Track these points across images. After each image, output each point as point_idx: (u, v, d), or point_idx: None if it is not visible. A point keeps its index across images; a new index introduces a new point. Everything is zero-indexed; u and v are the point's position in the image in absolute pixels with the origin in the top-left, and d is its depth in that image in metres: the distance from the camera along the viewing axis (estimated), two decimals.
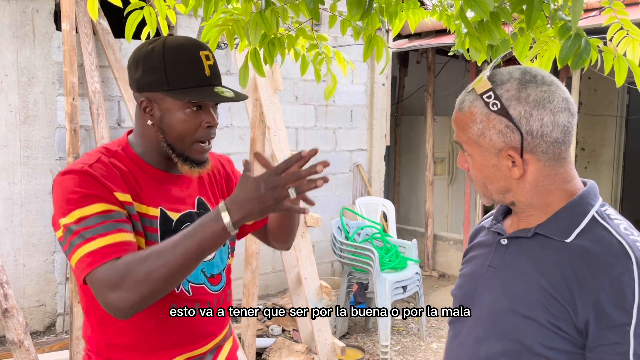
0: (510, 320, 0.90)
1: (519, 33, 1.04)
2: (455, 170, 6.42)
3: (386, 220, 4.70)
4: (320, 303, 3.45)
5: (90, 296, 1.15)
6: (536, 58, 1.19)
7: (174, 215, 1.22)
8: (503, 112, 0.89)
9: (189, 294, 1.23)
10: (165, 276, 1.00)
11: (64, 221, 1.07)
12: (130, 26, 1.38)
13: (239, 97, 1.17)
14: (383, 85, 5.31)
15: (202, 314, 1.25)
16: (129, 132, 1.26)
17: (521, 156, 0.90)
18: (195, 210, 1.26)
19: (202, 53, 1.16)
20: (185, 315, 1.22)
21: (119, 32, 3.83)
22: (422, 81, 5.98)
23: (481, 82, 0.91)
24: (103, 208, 1.08)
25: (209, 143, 1.20)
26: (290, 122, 4.60)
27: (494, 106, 0.90)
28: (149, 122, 1.18)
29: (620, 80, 1.04)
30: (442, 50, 5.67)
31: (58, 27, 3.57)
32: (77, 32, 3.46)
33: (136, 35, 1.62)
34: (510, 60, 3.56)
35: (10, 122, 3.49)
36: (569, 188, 0.93)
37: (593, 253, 0.85)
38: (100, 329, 1.21)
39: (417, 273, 3.97)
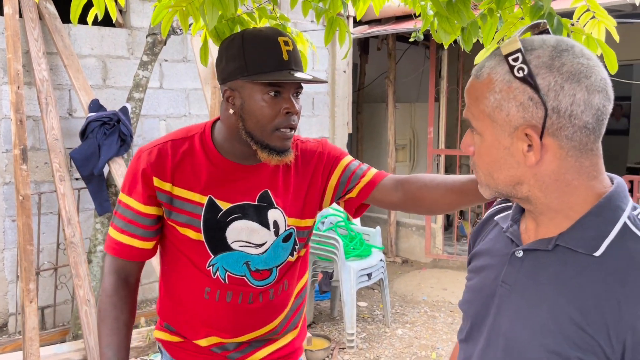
0: (531, 354, 0.75)
1: (488, 14, 1.01)
2: (417, 156, 6.46)
3: None
4: None
5: (161, 275, 1.36)
6: (502, 40, 1.16)
7: (225, 205, 1.24)
8: (529, 80, 0.73)
9: (225, 281, 1.27)
10: None
11: (120, 194, 1.28)
12: (76, 7, 1.28)
13: (315, 79, 1.18)
14: (344, 72, 5.26)
15: (237, 302, 1.27)
16: (217, 119, 1.30)
17: (540, 138, 0.74)
18: (256, 202, 1.26)
19: (281, 39, 1.17)
20: (216, 300, 1.27)
21: (67, 17, 3.65)
22: (382, 68, 5.96)
23: (510, 42, 0.75)
24: (131, 204, 1.24)
25: (291, 130, 1.19)
26: None
27: (520, 72, 0.74)
28: (231, 111, 1.20)
29: None
30: (403, 37, 5.67)
31: (0, 12, 3.36)
32: (21, 16, 3.26)
33: (85, 20, 1.51)
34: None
35: None
36: (595, 186, 0.77)
37: (629, 271, 0.70)
38: (161, 300, 1.38)
39: (381, 260, 3.98)
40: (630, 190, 4.72)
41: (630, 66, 6.61)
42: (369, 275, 3.85)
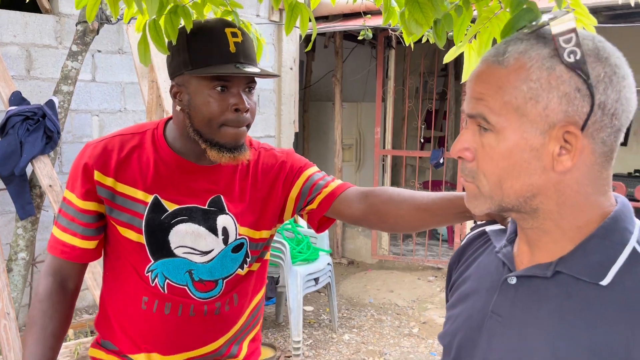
0: None
1: (464, 6, 0.90)
2: (363, 156, 6.42)
3: None
4: None
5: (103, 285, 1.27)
6: (475, 38, 1.05)
7: (171, 206, 1.17)
8: (581, 66, 0.61)
9: (164, 290, 1.18)
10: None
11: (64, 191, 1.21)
12: None
13: (264, 73, 1.11)
14: (291, 69, 5.12)
15: (177, 315, 1.17)
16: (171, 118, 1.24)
17: None
18: (206, 207, 1.18)
19: (228, 30, 1.10)
20: (153, 311, 1.17)
21: None
22: (329, 66, 5.87)
23: (562, 21, 0.60)
24: (73, 200, 1.17)
25: (242, 128, 1.12)
26: None
27: (571, 56, 0.60)
28: (178, 108, 1.15)
29: None
30: (350, 36, 5.59)
31: None
32: None
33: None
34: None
35: None
36: (603, 204, 0.66)
37: None
38: (99, 313, 1.29)
39: (328, 264, 3.87)
40: None
41: None
42: (316, 280, 3.73)
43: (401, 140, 5.60)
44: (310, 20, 1.16)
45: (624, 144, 6.44)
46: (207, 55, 1.09)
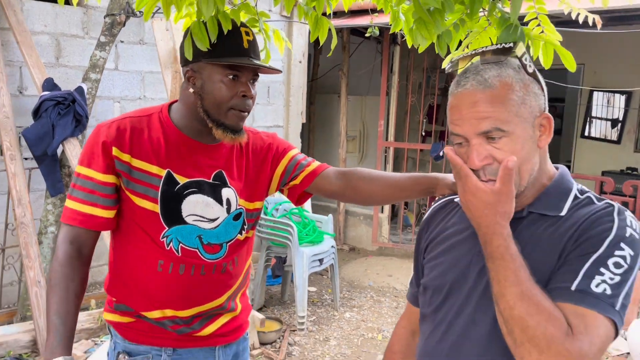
0: None
1: (460, 24, 1.14)
2: (366, 148, 6.64)
3: None
4: None
5: (112, 249, 1.39)
6: (467, 47, 1.30)
7: (182, 179, 1.32)
8: (535, 75, 0.91)
9: (178, 253, 1.32)
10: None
11: (76, 168, 1.31)
12: None
13: (271, 67, 1.30)
14: (300, 62, 5.34)
15: (190, 275, 1.32)
16: (174, 102, 1.38)
17: None
18: (210, 180, 1.34)
19: (243, 29, 1.29)
20: (169, 272, 1.31)
21: None
22: (336, 60, 6.08)
23: (518, 47, 0.90)
24: (91, 174, 1.28)
25: (245, 113, 1.30)
26: None
27: (530, 68, 0.90)
28: (191, 90, 1.30)
29: (547, 63, 1.18)
30: (356, 31, 5.80)
31: None
32: None
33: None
34: None
35: None
36: (549, 168, 0.98)
37: (588, 217, 0.90)
38: (111, 276, 1.40)
39: (332, 246, 4.12)
40: None
41: (564, 70, 7.04)
42: (321, 260, 3.99)
43: (403, 133, 5.84)
44: (330, 31, 1.38)
45: (618, 142, 6.67)
46: (224, 48, 1.26)
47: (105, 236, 2.80)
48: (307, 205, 4.78)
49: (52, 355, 1.19)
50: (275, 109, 5.22)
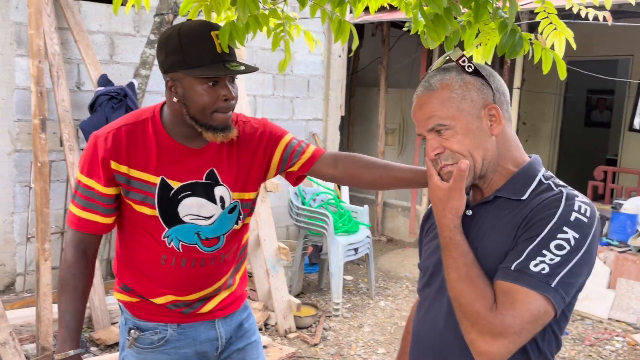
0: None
1: (467, 26, 1.24)
2: (405, 140, 6.70)
3: (339, 188, 4.93)
4: (279, 264, 3.66)
5: (119, 243, 1.50)
6: (480, 45, 1.40)
7: (175, 184, 1.39)
8: (477, 72, 1.04)
9: (179, 250, 1.42)
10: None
11: (77, 175, 1.41)
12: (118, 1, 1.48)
13: (248, 69, 1.33)
14: (339, 56, 5.46)
15: (191, 267, 1.44)
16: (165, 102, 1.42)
17: None
18: (203, 180, 1.41)
19: (214, 33, 1.30)
20: (172, 265, 1.43)
21: None
22: (376, 53, 6.16)
23: (455, 52, 1.05)
24: (92, 185, 1.36)
25: (229, 112, 1.36)
26: (248, 89, 4.70)
27: (469, 68, 1.04)
28: (175, 99, 1.34)
29: (546, 69, 1.27)
30: (396, 24, 5.86)
31: None
32: None
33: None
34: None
35: None
36: (519, 156, 1.08)
37: (541, 202, 1.00)
38: (119, 264, 1.51)
39: (367, 236, 4.24)
40: (604, 180, 5.01)
41: (615, 61, 6.87)
42: (356, 249, 4.11)
43: None
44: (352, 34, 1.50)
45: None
46: (198, 57, 1.28)
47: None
48: (345, 196, 4.92)
49: (62, 348, 1.36)
50: (315, 102, 5.37)
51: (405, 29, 4.26)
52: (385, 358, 3.40)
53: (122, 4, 1.65)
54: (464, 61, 1.04)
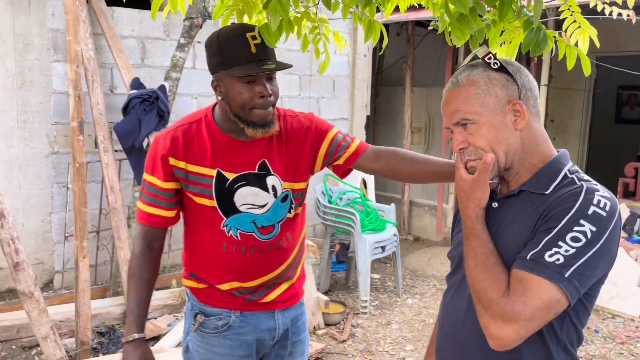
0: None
1: (492, 24, 1.27)
2: (431, 139, 6.69)
3: (365, 187, 4.96)
4: (307, 261, 3.72)
5: (185, 235, 1.61)
6: (504, 44, 1.43)
7: (231, 175, 1.50)
8: (503, 69, 1.07)
9: (237, 238, 1.52)
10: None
11: (144, 174, 1.54)
12: (156, 6, 1.55)
13: (279, 67, 1.41)
14: (365, 56, 5.49)
15: (250, 254, 1.53)
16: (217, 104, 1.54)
17: None
18: (256, 171, 1.52)
19: (249, 34, 1.40)
20: (232, 252, 1.53)
21: (110, 1, 3.93)
22: (401, 52, 6.17)
23: (482, 49, 1.08)
24: (154, 182, 1.50)
25: (268, 108, 1.44)
26: None
27: (495, 65, 1.07)
28: (219, 98, 1.47)
29: (570, 65, 1.29)
30: (422, 23, 5.86)
31: None
32: None
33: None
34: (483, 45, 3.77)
35: (8, 87, 3.59)
36: (546, 150, 1.11)
37: (561, 196, 1.03)
38: (187, 254, 1.63)
39: (394, 235, 4.26)
40: (635, 177, 4.92)
41: None
42: (383, 247, 4.14)
43: None
44: (382, 35, 1.55)
45: None
46: (234, 58, 1.39)
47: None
48: (371, 195, 4.95)
49: (129, 332, 1.47)
50: (340, 102, 5.41)
51: (431, 27, 4.26)
52: (413, 354, 3.43)
53: (159, 10, 1.73)
54: (489, 58, 1.07)
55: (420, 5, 1.88)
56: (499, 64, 1.07)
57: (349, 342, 3.54)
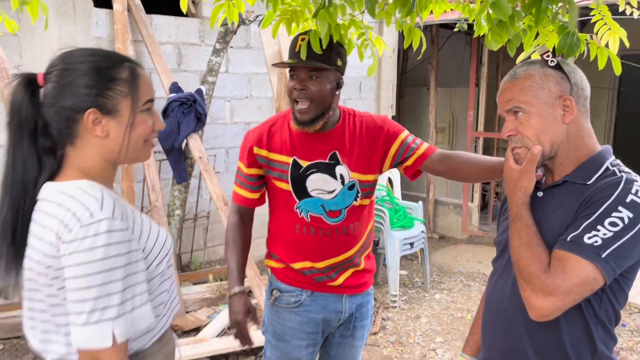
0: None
1: (528, 29, 1.38)
2: (455, 139, 6.77)
3: (392, 186, 5.08)
4: None
5: (269, 221, 1.85)
6: (539, 46, 1.54)
7: (304, 163, 1.72)
8: (558, 67, 1.17)
9: (308, 220, 1.73)
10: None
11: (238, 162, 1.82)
12: (215, 16, 1.71)
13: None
14: (390, 58, 5.61)
15: (319, 235, 1.72)
16: None
17: None
18: (327, 160, 1.72)
19: (300, 37, 1.64)
20: (303, 233, 1.74)
21: (150, 9, 4.11)
22: (425, 54, 6.23)
23: (541, 48, 1.21)
24: (241, 167, 1.79)
25: (301, 106, 1.64)
26: None
27: (552, 62, 1.18)
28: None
29: (601, 65, 1.40)
30: (445, 24, 5.95)
31: (96, 4, 3.85)
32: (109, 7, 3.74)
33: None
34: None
35: None
36: (591, 145, 1.20)
37: (601, 185, 1.12)
38: (269, 237, 1.87)
39: (422, 231, 4.37)
40: None
41: None
42: (411, 244, 4.26)
43: (493, 124, 5.91)
44: (421, 40, 1.67)
45: None
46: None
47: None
48: (397, 194, 5.06)
49: (231, 286, 1.72)
50: (366, 103, 5.54)
51: (456, 29, 4.37)
52: (443, 346, 3.54)
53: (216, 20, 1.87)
54: (547, 56, 1.18)
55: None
56: (555, 62, 1.18)
57: (380, 334, 3.66)
